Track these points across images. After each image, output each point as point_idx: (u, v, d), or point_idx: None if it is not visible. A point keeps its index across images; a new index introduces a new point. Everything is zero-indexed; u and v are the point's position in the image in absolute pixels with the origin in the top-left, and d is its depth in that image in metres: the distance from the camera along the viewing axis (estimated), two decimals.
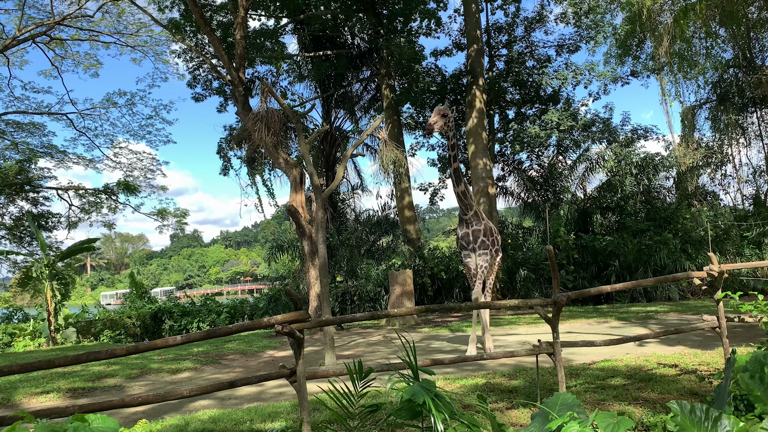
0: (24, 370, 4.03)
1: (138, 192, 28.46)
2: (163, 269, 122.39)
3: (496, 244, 10.87)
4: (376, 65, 22.98)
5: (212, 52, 21.59)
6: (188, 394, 5.09)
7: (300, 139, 12.31)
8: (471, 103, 21.80)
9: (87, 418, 2.75)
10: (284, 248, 24.90)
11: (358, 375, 4.69)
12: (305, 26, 22.65)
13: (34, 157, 28.24)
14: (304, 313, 5.68)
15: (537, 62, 25.86)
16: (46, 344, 20.92)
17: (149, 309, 23.12)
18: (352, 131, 25.36)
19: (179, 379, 10.59)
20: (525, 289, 20.52)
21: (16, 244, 29.74)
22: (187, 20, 21.45)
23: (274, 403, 7.67)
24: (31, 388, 9.70)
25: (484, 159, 21.42)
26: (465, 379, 8.28)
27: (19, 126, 26.99)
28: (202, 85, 25.10)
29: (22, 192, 28.41)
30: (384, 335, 15.13)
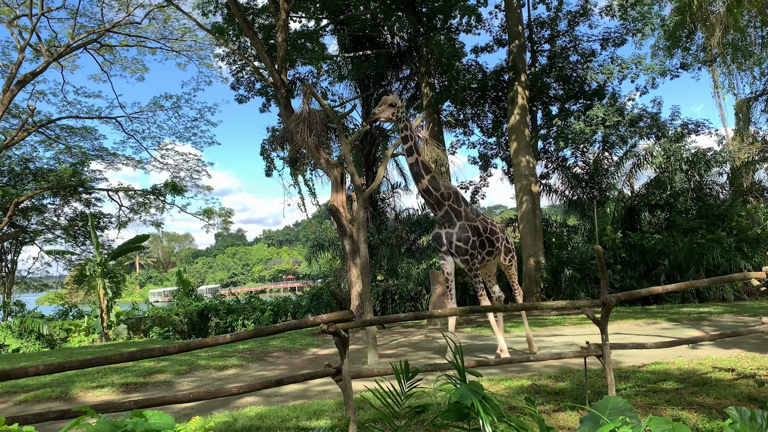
0: (83, 366, 4.18)
1: (184, 192, 29.17)
2: (208, 267, 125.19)
3: (489, 246, 9.83)
4: (415, 64, 22.91)
5: (255, 54, 21.93)
6: (237, 391, 5.19)
7: (341, 140, 12.38)
8: (513, 100, 21.52)
9: (144, 414, 2.83)
10: (325, 247, 25.11)
11: (405, 375, 4.69)
12: (345, 27, 22.76)
13: (87, 159, 29.28)
14: (349, 312, 5.71)
15: (581, 57, 25.30)
16: (99, 340, 21.67)
17: (196, 306, 23.67)
18: (392, 130, 25.35)
19: (226, 375, 10.80)
20: (570, 289, 20.13)
21: (71, 244, 30.95)
22: (230, 24, 21.85)
23: (319, 401, 7.73)
24: (87, 383, 10.05)
25: (527, 156, 21.12)
26: (510, 380, 8.17)
27: (72, 130, 28.02)
28: (245, 87, 25.52)
29: (75, 193, 29.52)
30: (426, 335, 15.09)
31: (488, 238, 9.83)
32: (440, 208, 9.58)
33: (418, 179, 9.48)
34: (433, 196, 9.51)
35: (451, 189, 9.70)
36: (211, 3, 22.91)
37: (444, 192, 9.55)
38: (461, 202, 9.71)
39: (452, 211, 9.55)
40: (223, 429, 6.33)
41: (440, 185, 9.54)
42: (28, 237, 30.13)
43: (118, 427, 2.67)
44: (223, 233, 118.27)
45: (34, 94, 26.22)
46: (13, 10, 22.52)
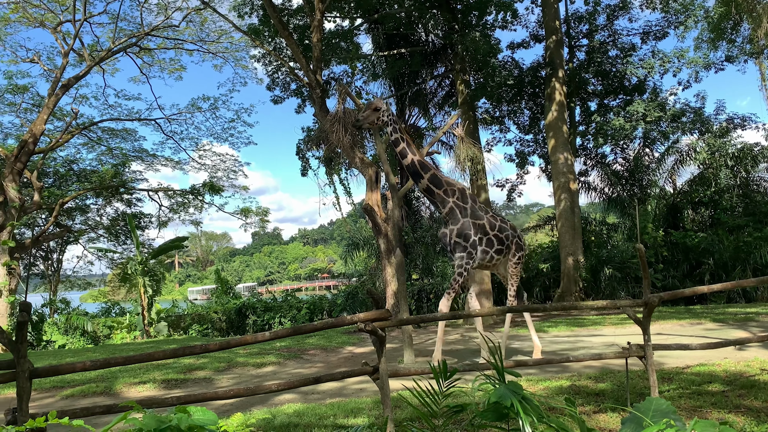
0: (127, 362, 4.28)
1: (222, 192, 29.67)
2: (245, 266, 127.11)
3: (498, 244, 9.47)
4: (450, 61, 22.75)
5: (290, 55, 22.12)
6: (276, 388, 5.24)
7: (376, 139, 12.39)
8: (550, 96, 21.20)
9: (188, 409, 2.87)
10: (360, 246, 25.19)
11: (443, 374, 4.67)
12: (379, 25, 22.77)
13: (127, 160, 30.08)
14: (386, 311, 5.71)
15: (621, 51, 24.72)
16: (140, 337, 22.22)
17: (234, 304, 24.05)
18: (427, 128, 25.25)
19: (264, 372, 10.94)
20: (610, 289, 19.73)
21: (113, 243, 31.84)
22: (265, 25, 22.09)
23: (356, 399, 7.76)
24: (130, 379, 10.30)
25: (565, 153, 20.78)
26: (549, 381, 8.06)
27: (113, 132, 28.79)
28: (281, 87, 25.77)
29: (117, 194, 30.35)
30: (462, 334, 15.01)
31: (497, 236, 9.51)
32: (444, 205, 9.41)
33: (417, 179, 9.37)
34: (435, 195, 9.38)
35: (455, 186, 9.55)
36: (247, 5, 23.20)
37: (447, 189, 9.38)
38: (467, 199, 9.51)
39: (457, 208, 9.35)
40: (262, 426, 6.40)
41: (442, 183, 9.38)
42: (73, 236, 31.13)
43: (163, 423, 2.72)
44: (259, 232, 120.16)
45: (77, 97, 27.07)
46: (57, 16, 23.24)
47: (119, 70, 27.53)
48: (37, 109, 25.91)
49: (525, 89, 24.57)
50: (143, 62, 26.51)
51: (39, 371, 4.06)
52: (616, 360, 8.49)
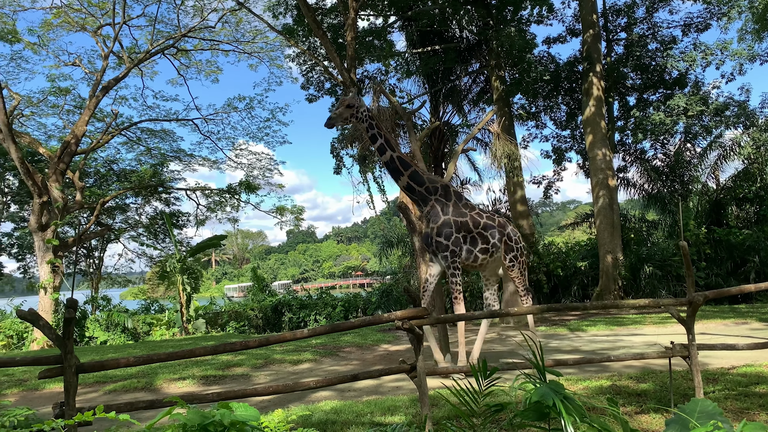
0: (170, 358, 4.35)
1: (258, 190, 30.02)
2: (280, 264, 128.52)
3: (483, 242, 9.08)
4: (485, 57, 22.53)
5: (324, 54, 22.24)
6: (314, 385, 5.26)
7: (411, 136, 12.35)
8: (588, 91, 20.80)
9: (230, 405, 2.90)
10: (394, 244, 25.16)
11: (482, 373, 4.61)
12: (413, 22, 22.69)
13: (166, 160, 30.70)
14: (423, 309, 5.69)
15: (661, 44, 24.06)
16: (179, 333, 22.65)
17: (270, 302, 24.32)
18: (461, 125, 25.07)
19: (300, 369, 11.01)
20: (650, 287, 19.27)
21: (152, 241, 32.57)
22: (299, 25, 22.24)
23: (392, 397, 7.74)
24: (169, 375, 10.49)
25: (603, 149, 20.37)
26: (588, 380, 7.91)
27: (152, 132, 29.40)
28: (315, 86, 25.92)
29: (156, 193, 31.02)
30: (498, 333, 14.85)
31: (480, 234, 9.10)
32: (425, 203, 9.09)
33: (396, 177, 9.00)
34: (416, 192, 9.03)
35: (437, 183, 9.19)
36: (281, 5, 23.41)
37: (429, 186, 9.05)
38: (451, 195, 9.15)
39: (438, 205, 9.03)
40: (301, 423, 6.44)
41: (424, 180, 9.05)
42: (113, 235, 31.92)
43: (206, 418, 2.75)
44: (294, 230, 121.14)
45: (117, 99, 27.72)
46: (97, 20, 23.84)
47: (157, 73, 28.15)
48: (78, 110, 26.64)
49: (561, 84, 24.16)
50: (180, 64, 26.99)
51: (85, 366, 4.16)
52: (658, 360, 8.29)
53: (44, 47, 24.97)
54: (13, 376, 11.17)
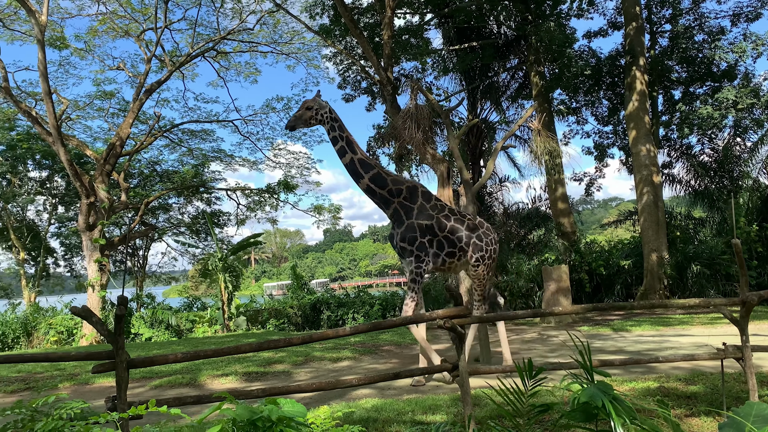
0: (216, 355, 4.41)
1: (296, 189, 30.32)
2: (317, 262, 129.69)
3: (450, 246, 8.77)
4: (523, 53, 22.25)
5: (360, 53, 22.32)
6: (357, 383, 5.27)
7: (449, 134, 12.27)
8: (630, 86, 20.29)
9: (278, 401, 2.92)
10: None
11: (528, 373, 4.54)
12: (449, 19, 22.57)
13: (207, 161, 31.31)
14: (465, 308, 5.64)
15: (708, 35, 23.26)
16: (221, 331, 23.05)
17: (309, 300, 24.52)
18: (499, 122, 24.83)
19: (340, 367, 11.06)
20: (698, 287, 18.67)
21: (194, 239, 33.29)
22: (336, 25, 22.37)
23: (433, 395, 7.70)
24: (213, 371, 10.68)
25: (647, 145, 19.85)
26: (635, 382, 7.72)
27: (193, 134, 30.01)
28: (351, 86, 26.06)
29: (197, 193, 31.67)
30: (539, 332, 14.63)
31: (447, 237, 8.80)
32: (388, 206, 8.85)
33: (357, 179, 8.79)
34: (377, 195, 8.80)
35: (403, 184, 8.89)
36: (318, 5, 23.59)
37: (392, 189, 8.78)
38: (417, 198, 8.86)
39: (402, 208, 8.78)
40: (342, 419, 6.46)
41: (386, 182, 8.77)
42: (157, 234, 32.73)
43: (254, 413, 2.77)
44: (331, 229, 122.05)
45: (159, 101, 28.38)
46: (140, 25, 24.45)
47: (198, 75, 28.70)
48: (123, 113, 27.38)
49: (603, 79, 23.63)
50: (220, 66, 27.46)
51: (135, 362, 4.26)
52: (708, 361, 8.03)
53: (90, 53, 25.74)
54: (64, 371, 11.55)
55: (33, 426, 3.04)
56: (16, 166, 29.61)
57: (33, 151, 28.83)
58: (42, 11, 18.71)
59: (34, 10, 18.31)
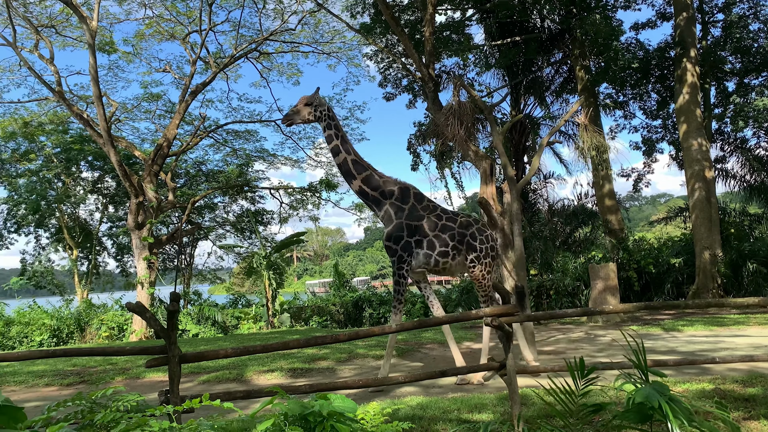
0: (265, 350, 4.46)
1: (337, 188, 30.50)
2: (358, 260, 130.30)
3: (442, 246, 8.68)
4: (568, 46, 21.80)
5: (401, 51, 22.26)
6: (403, 380, 5.26)
7: (493, 130, 12.12)
8: (681, 78, 19.65)
9: (328, 396, 2.92)
10: None
11: (580, 372, 4.43)
12: (491, 15, 22.30)
13: (250, 161, 31.81)
14: (513, 306, 5.57)
15: (764, 24, 22.28)
16: (265, 327, 23.41)
17: (351, 297, 24.66)
18: (543, 118, 24.39)
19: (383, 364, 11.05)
20: (754, 285, 17.94)
21: (238, 238, 33.90)
22: (376, 23, 22.37)
23: (479, 394, 7.62)
24: (259, 367, 10.82)
25: (699, 139, 19.18)
26: (688, 383, 7.47)
27: (237, 134, 30.52)
28: (392, 84, 26.01)
29: (241, 192, 32.21)
30: (586, 332, 14.32)
31: (438, 236, 8.73)
32: (380, 208, 8.85)
33: (349, 180, 8.87)
34: (369, 197, 8.86)
35: (395, 185, 8.92)
36: (359, 4, 23.63)
37: (384, 190, 8.83)
38: (409, 198, 8.85)
39: (393, 209, 8.78)
40: (388, 416, 6.45)
41: (378, 184, 8.83)
42: (203, 233, 33.45)
43: (306, 408, 2.78)
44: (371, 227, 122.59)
45: (204, 102, 28.93)
46: (185, 28, 25.01)
47: (241, 76, 29.15)
48: (169, 115, 28.05)
49: (651, 72, 22.93)
50: (263, 67, 27.82)
51: (187, 356, 4.34)
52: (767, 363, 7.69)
53: (137, 56, 26.47)
54: (116, 365, 11.90)
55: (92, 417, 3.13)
56: (70, 168, 30.73)
57: (85, 153, 29.87)
58: (93, 17, 19.35)
59: (85, 16, 18.95)
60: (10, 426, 2.39)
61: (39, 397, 9.45)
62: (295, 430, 2.69)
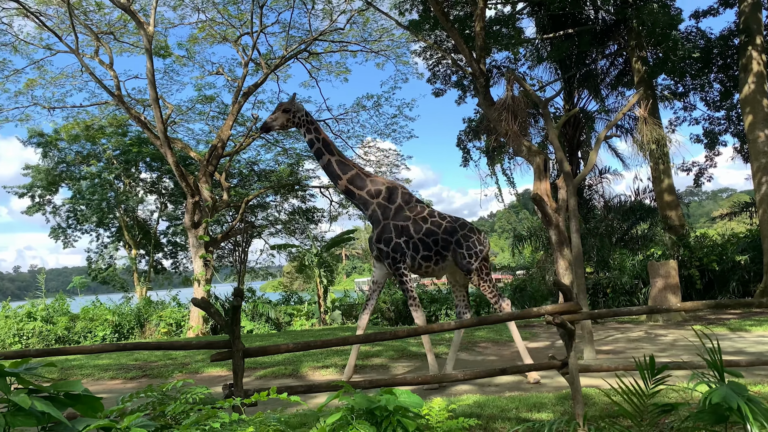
0: (325, 346, 4.49)
1: None
2: None
3: (425, 250, 8.62)
4: (623, 37, 21.12)
5: (450, 46, 22.07)
6: (462, 377, 5.20)
7: (548, 125, 11.87)
8: (746, 67, 18.75)
9: (394, 391, 2.90)
10: (524, 238, 24.44)
11: (650, 371, 4.28)
12: (542, 7, 21.86)
13: (301, 160, 32.20)
14: (575, 304, 5.45)
15: None
16: (317, 324, 23.68)
17: (401, 295, 24.66)
18: (598, 111, 23.73)
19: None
20: None
21: (290, 237, 34.41)
22: (425, 19, 22.23)
23: (537, 393, 7.48)
24: (313, 363, 10.94)
25: (766, 130, 18.26)
26: (760, 385, 7.15)
27: (287, 134, 30.92)
28: (441, 80, 25.83)
29: (293, 191, 32.67)
30: (646, 331, 13.87)
31: (422, 240, 8.64)
32: (367, 208, 8.87)
33: (335, 181, 8.98)
34: (356, 196, 8.91)
35: (382, 185, 8.96)
36: (407, 1, 23.55)
37: (371, 189, 8.85)
38: (396, 198, 8.86)
39: (380, 209, 8.79)
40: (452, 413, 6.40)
41: (365, 183, 8.87)
42: (256, 231, 34.11)
43: (372, 402, 2.77)
44: None
45: (255, 103, 29.49)
46: (236, 30, 25.53)
47: (291, 76, 29.50)
48: (222, 116, 28.70)
49: (713, 61, 21.96)
50: (312, 67, 28.12)
51: (250, 351, 4.40)
52: None
53: (191, 59, 27.18)
54: (176, 360, 12.24)
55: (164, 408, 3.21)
56: (129, 169, 31.89)
57: (143, 155, 30.94)
58: (149, 22, 19.98)
59: (142, 21, 19.59)
60: (88, 414, 2.48)
61: (105, 389, 9.82)
62: (362, 423, 2.69)
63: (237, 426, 2.71)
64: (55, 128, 29.58)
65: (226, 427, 2.71)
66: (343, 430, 2.68)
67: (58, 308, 22.54)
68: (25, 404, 2.20)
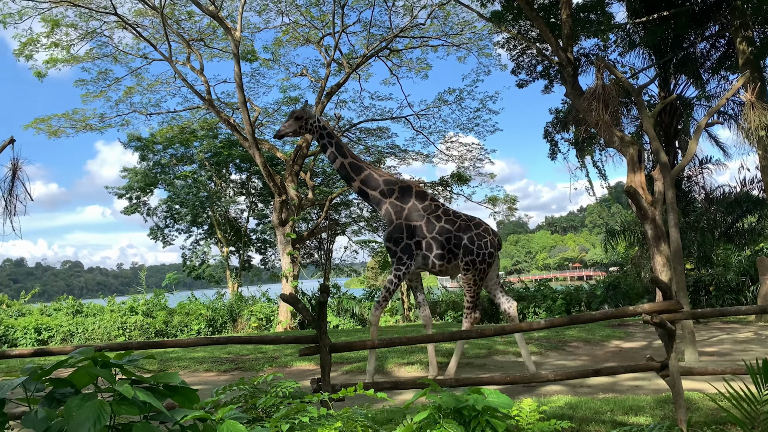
0: (410, 342, 4.45)
1: (469, 182, 30.15)
2: None
3: (438, 248, 8.61)
4: (726, 17, 19.62)
5: (535, 36, 21.42)
6: (553, 378, 5.01)
7: (642, 114, 11.25)
8: None
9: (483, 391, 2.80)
10: (617, 233, 23.35)
11: (763, 376, 3.92)
12: None
13: (382, 157, 32.42)
14: (676, 303, 5.12)
15: None
16: (401, 321, 23.77)
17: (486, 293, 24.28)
18: (697, 98, 22.23)
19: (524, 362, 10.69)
20: None
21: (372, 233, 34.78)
22: (508, 10, 21.68)
23: (633, 396, 7.11)
24: (398, 359, 10.97)
25: None
26: None
27: (369, 132, 31.25)
28: (526, 71, 25.13)
29: None
30: (755, 332, 12.87)
31: (435, 239, 8.66)
32: (380, 207, 8.99)
33: (349, 182, 9.18)
34: (370, 197, 9.02)
35: (395, 184, 9.04)
36: None
37: (384, 189, 8.92)
38: (410, 198, 8.90)
39: (392, 209, 8.83)
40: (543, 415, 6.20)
41: (379, 183, 8.95)
42: (340, 228, 34.72)
43: (460, 401, 2.69)
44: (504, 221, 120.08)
45: (338, 103, 29.96)
46: (319, 32, 26.04)
47: (372, 75, 29.65)
48: None
49: None
50: (393, 64, 28.20)
51: (336, 346, 4.44)
52: None
53: (276, 62, 28.00)
54: (266, 354, 12.67)
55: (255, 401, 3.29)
56: (220, 170, 33.37)
57: (233, 156, 32.27)
58: (236, 28, 20.76)
59: (230, 27, 20.39)
60: (185, 406, 2.56)
61: (200, 381, 10.30)
62: (450, 423, 2.62)
63: (325, 421, 2.72)
64: (151, 132, 31.49)
65: (314, 421, 2.73)
66: (430, 428, 2.63)
67: (157, 303, 23.94)
68: (128, 394, 2.31)
